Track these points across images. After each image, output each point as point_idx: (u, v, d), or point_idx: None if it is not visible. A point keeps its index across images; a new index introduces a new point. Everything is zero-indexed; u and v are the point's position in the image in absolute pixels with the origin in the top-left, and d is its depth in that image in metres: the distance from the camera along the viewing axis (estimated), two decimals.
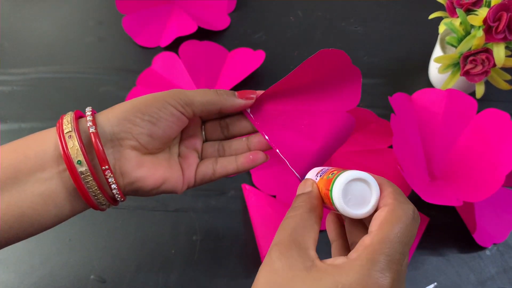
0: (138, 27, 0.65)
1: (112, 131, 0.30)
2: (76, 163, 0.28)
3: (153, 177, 0.32)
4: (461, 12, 0.47)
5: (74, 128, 0.29)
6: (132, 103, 0.31)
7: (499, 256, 0.46)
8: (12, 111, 0.59)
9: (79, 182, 0.29)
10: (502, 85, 0.50)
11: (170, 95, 0.32)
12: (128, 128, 0.31)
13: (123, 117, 0.31)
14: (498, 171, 0.42)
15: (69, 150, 0.28)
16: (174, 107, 0.32)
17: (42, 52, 0.65)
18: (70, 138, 0.29)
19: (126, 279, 0.46)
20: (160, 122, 0.31)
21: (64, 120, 0.30)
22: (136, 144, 0.31)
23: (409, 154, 0.45)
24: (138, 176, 0.32)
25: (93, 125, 0.30)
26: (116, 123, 0.31)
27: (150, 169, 0.32)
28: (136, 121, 0.31)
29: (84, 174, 0.29)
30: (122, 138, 0.31)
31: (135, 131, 0.31)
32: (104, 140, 0.30)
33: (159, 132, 0.32)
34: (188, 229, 0.49)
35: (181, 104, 0.32)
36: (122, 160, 0.31)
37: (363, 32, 0.65)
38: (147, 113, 0.31)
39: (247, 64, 0.59)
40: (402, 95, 0.47)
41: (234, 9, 0.68)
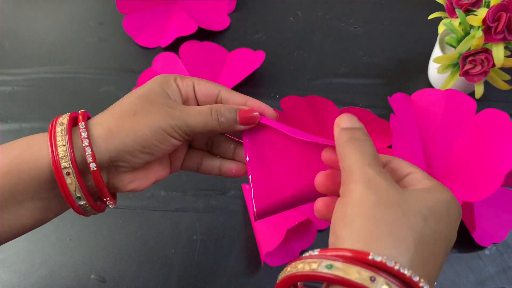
0: (139, 27, 0.65)
1: (109, 160, 0.30)
2: (76, 198, 0.30)
3: (144, 185, 0.33)
4: (460, 12, 0.47)
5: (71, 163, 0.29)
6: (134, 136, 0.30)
7: (499, 255, 0.46)
8: (13, 111, 0.59)
9: (78, 211, 0.31)
10: (501, 85, 0.50)
11: (169, 123, 0.30)
12: (126, 159, 0.31)
13: (123, 149, 0.30)
14: (498, 171, 0.42)
15: (68, 187, 0.29)
16: (174, 138, 0.31)
17: (43, 52, 0.65)
18: (68, 175, 0.29)
19: (126, 278, 0.46)
20: (158, 152, 0.31)
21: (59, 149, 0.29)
22: (130, 169, 0.32)
23: (408, 154, 0.45)
24: (130, 188, 0.33)
25: (93, 162, 0.29)
26: (115, 153, 0.30)
27: (142, 179, 0.33)
28: (136, 154, 0.31)
29: (84, 207, 0.30)
30: (119, 165, 0.31)
31: (133, 161, 0.31)
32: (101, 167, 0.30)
33: (155, 159, 0.32)
34: (188, 229, 0.49)
35: (181, 134, 0.31)
36: (115, 179, 0.32)
37: (363, 32, 0.65)
38: (147, 147, 0.31)
39: (247, 64, 0.59)
40: (401, 95, 0.47)
41: (234, 10, 0.68)
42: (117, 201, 0.35)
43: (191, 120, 0.31)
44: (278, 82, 0.60)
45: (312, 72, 0.61)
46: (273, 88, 0.60)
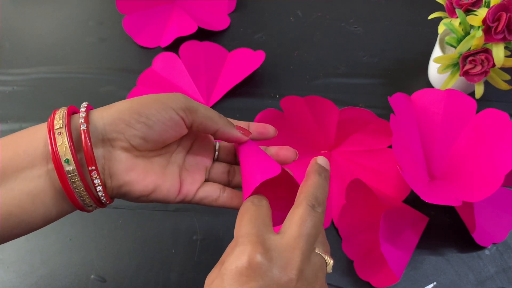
0: (139, 27, 0.65)
1: (104, 130, 0.29)
2: (64, 161, 0.27)
3: (143, 183, 0.31)
4: (460, 12, 0.47)
5: (65, 125, 0.28)
6: (131, 102, 0.30)
7: (499, 255, 0.46)
8: (13, 111, 0.59)
9: (65, 182, 0.28)
10: (502, 85, 0.50)
11: (173, 97, 0.30)
12: (121, 128, 0.29)
13: (118, 117, 0.29)
14: (498, 171, 0.42)
15: (58, 147, 0.27)
16: (175, 110, 0.30)
17: (43, 52, 0.65)
18: (60, 135, 0.28)
19: (126, 278, 0.46)
20: (156, 125, 0.30)
21: (56, 116, 0.29)
22: (127, 145, 0.30)
23: (408, 154, 0.45)
24: (127, 179, 0.31)
25: (85, 123, 0.28)
26: (109, 121, 0.29)
27: (141, 173, 0.31)
28: (131, 122, 0.29)
29: (71, 174, 0.28)
30: (114, 138, 0.29)
31: (128, 133, 0.29)
32: (95, 139, 0.29)
33: (154, 135, 0.30)
34: (188, 229, 0.49)
35: (183, 108, 0.30)
36: (112, 161, 0.30)
37: (363, 32, 0.65)
38: (144, 114, 0.29)
39: (247, 64, 0.59)
40: (401, 95, 0.47)
41: (234, 10, 0.68)
42: (118, 200, 0.34)
43: (194, 101, 0.31)
44: (278, 82, 0.60)
45: (312, 72, 0.61)
46: (273, 88, 0.60)
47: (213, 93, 0.59)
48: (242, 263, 0.25)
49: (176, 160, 0.34)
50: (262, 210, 0.29)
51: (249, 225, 0.28)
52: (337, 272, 0.46)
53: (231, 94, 0.58)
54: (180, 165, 0.34)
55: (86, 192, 0.29)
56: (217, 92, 0.59)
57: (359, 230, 0.46)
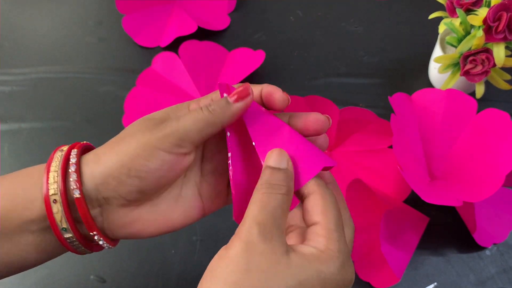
0: (138, 27, 0.65)
1: (97, 191, 0.27)
2: (61, 230, 0.27)
3: (150, 229, 0.29)
4: (461, 12, 0.47)
5: (60, 190, 0.26)
6: (117, 156, 0.27)
7: (499, 256, 0.46)
8: (12, 111, 0.59)
9: (66, 245, 0.28)
10: (502, 85, 0.50)
11: (159, 137, 0.26)
12: (113, 187, 0.27)
13: (108, 174, 0.27)
14: (498, 171, 0.42)
15: (54, 215, 0.26)
16: (165, 151, 0.26)
17: (42, 52, 0.65)
18: (55, 203, 0.26)
19: (126, 279, 0.46)
20: (150, 175, 0.27)
21: (50, 175, 0.27)
22: (124, 202, 0.28)
23: (409, 154, 0.45)
24: (131, 231, 0.29)
25: (77, 188, 0.26)
26: (101, 180, 0.27)
27: (146, 222, 0.29)
28: (122, 179, 0.26)
29: (71, 240, 0.27)
30: (108, 197, 0.27)
31: (122, 190, 0.27)
32: (89, 201, 0.27)
33: (151, 186, 0.27)
34: (188, 229, 0.49)
35: (174, 143, 0.27)
36: (111, 219, 0.28)
37: (363, 32, 0.65)
38: (133, 168, 0.26)
39: (247, 64, 0.59)
40: (402, 95, 0.47)
41: (234, 9, 0.68)
42: None
43: (180, 123, 0.27)
44: (278, 82, 0.60)
45: (312, 72, 0.61)
46: None
47: None
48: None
49: (191, 179, 0.31)
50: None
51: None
52: None
53: None
54: (197, 181, 0.31)
55: (86, 249, 0.29)
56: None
57: (360, 230, 0.46)
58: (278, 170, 0.27)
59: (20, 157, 0.55)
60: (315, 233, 0.26)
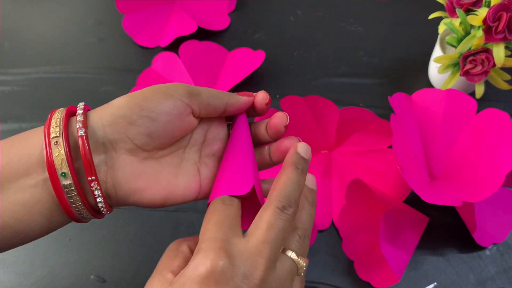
0: (138, 27, 0.65)
1: (104, 132, 0.26)
2: (60, 175, 0.25)
3: (152, 190, 0.29)
4: (461, 12, 0.47)
5: (62, 133, 0.26)
6: (129, 97, 0.27)
7: (499, 256, 0.46)
8: (12, 111, 0.59)
9: (62, 196, 0.26)
10: (502, 85, 0.50)
11: (174, 85, 0.28)
12: (122, 127, 0.27)
13: (118, 114, 0.27)
14: (498, 171, 0.42)
15: (54, 159, 0.25)
16: (178, 97, 0.28)
17: (42, 52, 0.65)
18: (56, 145, 0.25)
19: (126, 279, 0.46)
20: (160, 117, 0.27)
21: (52, 121, 0.26)
22: (132, 146, 0.27)
23: (409, 154, 0.45)
24: (133, 187, 0.28)
25: (83, 127, 0.26)
26: (109, 121, 0.26)
27: (150, 179, 0.28)
28: (133, 118, 0.27)
29: (68, 188, 0.26)
30: (116, 140, 0.27)
31: (131, 131, 0.27)
32: (94, 144, 0.26)
33: (160, 129, 0.28)
34: (188, 229, 0.49)
35: (186, 94, 0.28)
36: (116, 167, 0.27)
37: (363, 32, 0.65)
38: (145, 107, 0.27)
39: (247, 64, 0.59)
40: (402, 95, 0.47)
41: (234, 9, 0.68)
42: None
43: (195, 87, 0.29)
44: (278, 82, 0.60)
45: (312, 72, 0.61)
46: (273, 88, 0.59)
47: None
48: (205, 270, 0.24)
49: (190, 156, 0.31)
50: (232, 211, 0.27)
51: (214, 228, 0.26)
52: (337, 272, 0.45)
53: None
54: (197, 160, 0.32)
55: (84, 206, 0.27)
56: None
57: (359, 230, 0.46)
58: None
59: None
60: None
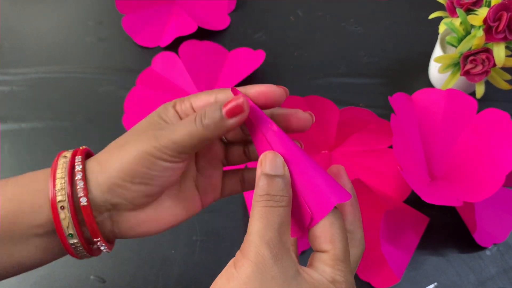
0: (138, 27, 0.65)
1: (104, 198, 0.28)
2: (68, 235, 0.28)
3: (157, 225, 0.30)
4: (461, 12, 0.47)
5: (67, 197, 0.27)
6: (119, 165, 0.28)
7: (499, 256, 0.46)
8: (12, 111, 0.59)
9: (69, 249, 0.29)
10: (502, 85, 0.50)
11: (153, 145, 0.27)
12: (120, 193, 0.28)
13: (113, 182, 0.28)
14: (498, 171, 0.42)
15: (61, 221, 0.28)
16: (164, 160, 0.27)
17: (42, 52, 0.65)
18: (62, 209, 0.27)
19: (126, 279, 0.46)
20: (153, 181, 0.28)
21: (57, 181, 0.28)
22: (132, 206, 0.29)
23: (409, 154, 0.45)
24: (139, 232, 0.30)
25: (84, 196, 0.28)
26: (106, 189, 0.28)
27: (152, 222, 0.30)
28: (127, 186, 0.28)
29: (75, 245, 0.29)
30: (117, 203, 0.28)
31: (129, 196, 0.28)
32: (97, 208, 0.28)
33: (156, 189, 0.29)
34: (188, 229, 0.49)
35: (170, 154, 0.27)
36: (120, 221, 0.29)
37: (363, 32, 0.65)
38: (137, 176, 0.27)
39: (247, 64, 0.59)
40: (402, 95, 0.47)
41: (234, 9, 0.68)
42: None
43: (175, 135, 0.27)
44: (278, 82, 0.60)
45: (312, 72, 0.61)
46: None
47: None
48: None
49: (188, 174, 0.31)
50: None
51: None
52: None
53: None
54: (194, 175, 0.32)
55: (88, 254, 0.30)
56: None
57: None
58: (275, 177, 0.25)
59: (20, 157, 0.55)
60: (323, 261, 0.25)
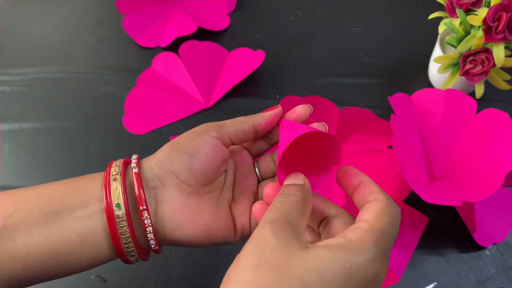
0: (138, 27, 0.65)
1: (152, 171, 0.31)
2: (115, 206, 0.29)
3: (195, 223, 0.31)
4: (460, 12, 0.47)
5: (120, 171, 0.30)
6: (171, 143, 0.32)
7: (499, 256, 0.46)
8: (12, 111, 0.59)
9: (114, 225, 0.29)
10: (502, 85, 0.50)
11: (202, 127, 0.32)
12: (166, 165, 0.31)
13: (162, 156, 0.31)
14: (498, 171, 0.42)
15: (111, 192, 0.29)
16: (207, 133, 0.32)
17: (43, 52, 0.65)
18: (115, 180, 0.30)
19: (126, 278, 0.46)
20: (197, 152, 0.31)
21: (112, 164, 0.31)
22: (177, 181, 0.31)
23: (409, 154, 0.45)
24: (179, 220, 0.31)
25: (137, 166, 0.31)
26: (155, 163, 0.31)
27: (193, 212, 0.31)
28: (173, 157, 0.31)
29: (120, 218, 0.29)
30: (162, 176, 0.31)
31: (174, 167, 0.31)
32: (146, 182, 0.31)
33: (198, 163, 0.31)
34: None
35: (213, 129, 0.32)
36: (164, 202, 0.31)
37: (363, 32, 0.65)
38: (182, 147, 0.31)
39: (247, 64, 0.59)
40: (402, 95, 0.47)
41: (234, 9, 0.68)
42: None
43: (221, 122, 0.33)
44: (278, 82, 0.60)
45: (312, 72, 0.61)
46: (273, 88, 0.60)
47: (213, 93, 0.59)
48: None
49: (225, 195, 0.34)
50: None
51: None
52: None
53: (231, 94, 0.58)
54: (230, 199, 0.34)
55: (131, 239, 0.29)
56: (217, 92, 0.59)
57: None
58: (292, 185, 0.28)
59: (20, 157, 0.55)
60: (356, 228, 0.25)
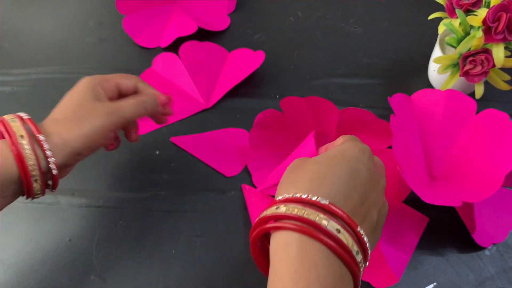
0: (139, 27, 0.65)
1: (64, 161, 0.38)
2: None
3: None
4: (460, 12, 0.47)
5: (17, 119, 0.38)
6: (85, 139, 0.38)
7: (499, 256, 0.46)
8: (13, 112, 0.59)
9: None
10: (502, 85, 0.50)
11: (109, 121, 0.39)
12: (77, 160, 0.40)
13: (77, 153, 0.38)
14: (498, 171, 0.42)
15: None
16: (113, 132, 0.42)
17: (43, 52, 0.65)
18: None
19: (126, 279, 0.46)
20: (101, 146, 0.42)
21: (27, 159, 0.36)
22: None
23: (408, 155, 0.45)
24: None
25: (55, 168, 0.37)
26: (69, 158, 0.38)
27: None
28: (84, 154, 0.39)
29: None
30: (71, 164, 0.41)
31: (80, 158, 0.40)
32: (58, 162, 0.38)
33: (97, 150, 0.41)
34: (188, 229, 0.49)
35: (118, 127, 0.41)
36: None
37: (363, 32, 0.65)
38: (95, 147, 0.40)
39: (247, 64, 0.59)
40: (401, 96, 0.47)
41: (234, 10, 0.68)
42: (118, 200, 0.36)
43: (125, 112, 0.40)
44: (278, 82, 0.60)
45: (312, 72, 0.61)
46: (273, 88, 0.60)
47: (213, 93, 0.59)
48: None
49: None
50: None
51: None
52: None
53: (231, 94, 0.58)
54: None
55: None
56: (217, 92, 0.59)
57: None
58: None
59: None
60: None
